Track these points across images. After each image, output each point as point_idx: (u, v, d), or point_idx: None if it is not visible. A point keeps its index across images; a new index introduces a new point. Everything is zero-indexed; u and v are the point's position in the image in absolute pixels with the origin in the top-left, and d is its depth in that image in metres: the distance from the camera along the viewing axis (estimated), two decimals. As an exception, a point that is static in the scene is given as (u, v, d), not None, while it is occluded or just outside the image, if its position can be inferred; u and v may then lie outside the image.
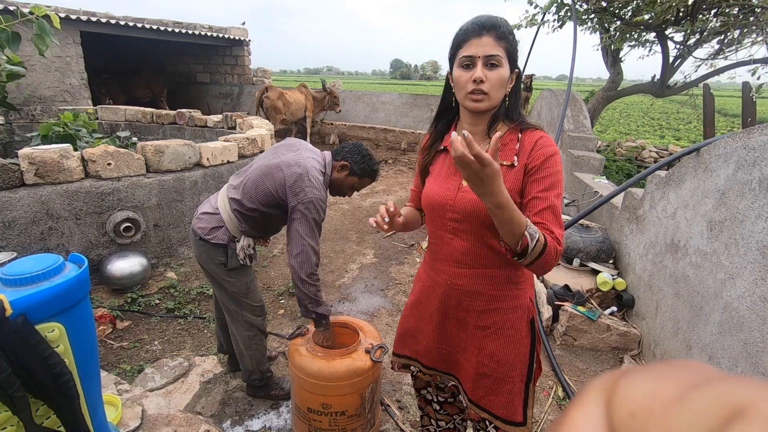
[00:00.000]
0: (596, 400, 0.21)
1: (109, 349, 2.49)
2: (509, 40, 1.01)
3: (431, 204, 1.15)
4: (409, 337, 1.35)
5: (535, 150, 1.03)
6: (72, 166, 2.90)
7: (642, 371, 0.21)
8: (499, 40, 0.99)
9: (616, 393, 0.21)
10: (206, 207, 1.87)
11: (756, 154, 1.81)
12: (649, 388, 0.20)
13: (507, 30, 1.01)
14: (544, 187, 1.00)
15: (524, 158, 1.04)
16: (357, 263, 3.81)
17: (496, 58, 0.99)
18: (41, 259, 0.80)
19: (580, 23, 6.12)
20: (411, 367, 1.38)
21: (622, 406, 0.20)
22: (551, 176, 1.01)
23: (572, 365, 2.50)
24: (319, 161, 1.78)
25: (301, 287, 1.68)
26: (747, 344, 1.75)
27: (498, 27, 0.99)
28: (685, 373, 0.20)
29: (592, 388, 0.22)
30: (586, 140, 4.79)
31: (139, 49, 10.48)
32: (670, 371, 0.21)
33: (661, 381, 0.20)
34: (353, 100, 9.87)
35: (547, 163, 1.01)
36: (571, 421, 0.21)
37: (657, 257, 2.51)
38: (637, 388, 0.20)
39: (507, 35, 1.00)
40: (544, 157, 1.01)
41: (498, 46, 0.99)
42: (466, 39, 1.01)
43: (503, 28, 1.00)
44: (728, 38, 5.51)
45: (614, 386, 0.21)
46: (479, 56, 0.99)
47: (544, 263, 0.95)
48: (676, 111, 18.50)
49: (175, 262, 3.48)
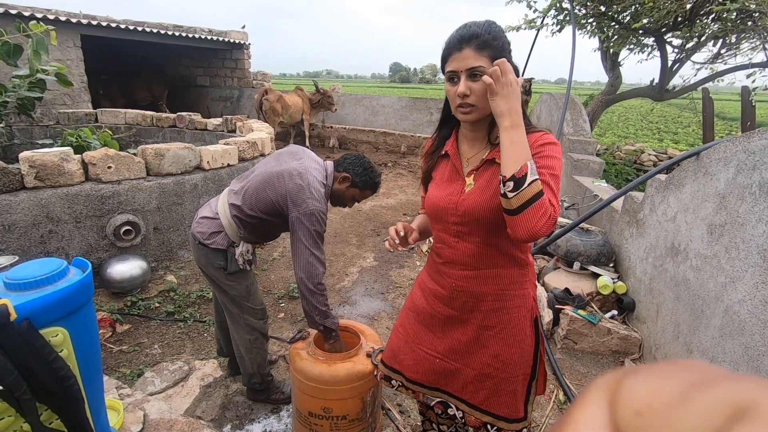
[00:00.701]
0: (600, 399, 0.21)
1: (108, 352, 2.48)
2: (493, 46, 0.98)
3: (435, 209, 1.16)
4: (398, 348, 1.34)
5: (537, 141, 1.03)
6: (72, 169, 2.90)
7: (646, 370, 0.21)
8: (480, 50, 0.98)
9: (619, 392, 0.21)
10: (206, 211, 1.87)
11: (756, 158, 1.81)
12: (653, 387, 0.20)
13: (490, 36, 0.98)
14: (541, 164, 0.99)
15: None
16: (357, 266, 3.81)
17: (478, 69, 0.98)
18: (45, 264, 0.80)
19: (579, 27, 6.15)
20: (393, 381, 1.37)
21: (626, 405, 0.20)
22: (548, 158, 1.00)
23: (573, 369, 2.50)
24: (321, 172, 1.78)
25: (310, 298, 1.66)
26: (748, 348, 1.75)
27: (478, 37, 0.98)
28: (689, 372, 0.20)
29: (596, 387, 0.22)
30: (585, 144, 4.81)
31: (139, 51, 10.50)
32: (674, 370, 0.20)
33: (665, 380, 0.20)
34: (353, 104, 9.89)
35: (545, 147, 1.01)
36: (575, 420, 0.21)
37: (657, 261, 2.51)
38: (642, 387, 0.20)
39: (490, 42, 0.98)
40: (543, 143, 1.02)
41: (479, 56, 0.98)
42: (450, 54, 1.01)
43: (484, 36, 0.98)
44: (726, 43, 5.54)
45: (618, 385, 0.21)
46: (461, 70, 1.00)
47: (535, 214, 0.91)
48: (677, 115, 18.56)
49: (175, 266, 3.47)
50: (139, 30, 8.20)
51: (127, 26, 7.95)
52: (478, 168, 1.10)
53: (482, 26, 0.99)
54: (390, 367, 1.36)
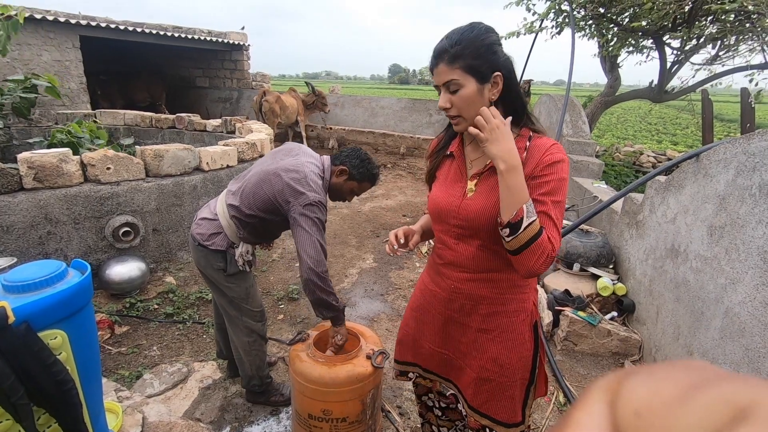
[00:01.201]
0: (600, 400, 0.21)
1: (107, 354, 2.47)
2: (464, 55, 0.97)
3: (437, 209, 1.16)
4: (410, 342, 1.34)
5: (543, 157, 1.02)
6: (71, 170, 2.89)
7: (646, 371, 0.21)
8: (451, 63, 0.98)
9: (620, 393, 0.21)
10: (205, 212, 1.86)
11: (756, 159, 1.81)
12: (653, 388, 0.19)
13: (459, 47, 0.97)
14: (543, 191, 1.00)
15: (531, 166, 1.02)
16: (357, 268, 3.81)
17: (453, 83, 1.00)
18: (44, 266, 0.79)
19: (578, 29, 6.16)
20: (410, 374, 1.37)
21: (626, 406, 0.20)
22: (552, 182, 1.00)
23: (573, 370, 2.49)
24: (317, 165, 1.77)
25: (322, 285, 1.61)
26: (748, 350, 1.75)
27: (447, 50, 0.98)
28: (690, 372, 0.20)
29: (596, 388, 0.22)
30: (584, 145, 4.81)
31: (139, 53, 10.50)
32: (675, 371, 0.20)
33: (666, 381, 0.20)
34: (352, 105, 9.89)
35: (551, 168, 1.00)
36: (575, 421, 0.21)
37: (657, 262, 2.51)
38: (642, 387, 0.20)
39: (459, 53, 0.97)
40: (548, 162, 1.01)
41: (452, 69, 0.99)
42: (431, 70, 1.05)
43: (453, 50, 0.97)
44: (725, 44, 5.55)
45: (618, 386, 0.21)
46: (439, 85, 1.03)
47: (534, 254, 0.94)
48: (676, 117, 18.59)
49: (174, 267, 3.47)
50: (138, 31, 8.19)
51: (126, 27, 7.94)
52: (482, 173, 1.10)
53: (453, 38, 0.99)
54: (403, 362, 1.37)
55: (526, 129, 1.08)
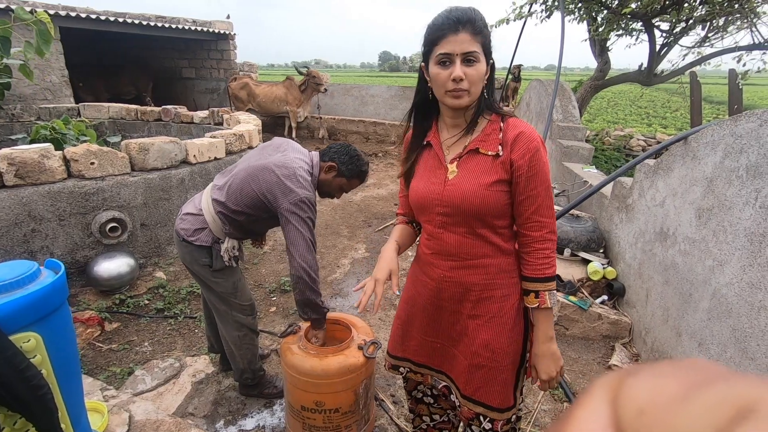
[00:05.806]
0: (602, 398, 0.21)
1: (97, 351, 2.45)
2: (485, 33, 0.99)
3: (419, 200, 1.15)
4: (402, 335, 1.34)
5: (519, 144, 1.03)
6: (54, 166, 2.83)
7: (649, 369, 0.21)
8: (475, 35, 0.97)
9: (622, 391, 0.21)
10: (190, 207, 1.82)
11: (743, 141, 1.81)
12: (656, 386, 0.19)
13: (482, 23, 0.99)
14: (534, 184, 1.04)
15: (508, 150, 1.04)
16: (349, 258, 3.80)
17: (474, 55, 0.97)
18: (14, 266, 0.77)
19: (568, 13, 6.10)
20: (401, 369, 1.37)
21: (628, 404, 0.20)
22: (539, 173, 1.04)
23: (564, 354, 2.52)
24: (306, 161, 1.74)
25: (313, 287, 1.61)
26: (735, 330, 1.77)
27: (474, 21, 0.98)
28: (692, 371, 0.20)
29: (598, 386, 0.22)
30: (575, 130, 4.81)
31: (123, 44, 10.25)
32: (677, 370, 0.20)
33: (668, 379, 0.20)
34: (342, 94, 9.78)
35: (533, 160, 1.03)
36: (577, 418, 0.21)
37: (646, 245, 2.53)
38: (645, 386, 0.20)
39: (483, 29, 0.99)
40: (529, 154, 1.03)
41: (475, 41, 0.97)
42: (443, 35, 0.98)
43: (479, 22, 0.98)
44: (714, 26, 5.54)
45: (620, 384, 0.21)
46: (457, 53, 0.97)
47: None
48: (666, 100, 18.64)
49: (164, 262, 3.43)
50: (120, 21, 7.98)
51: (107, 17, 7.73)
52: (461, 156, 1.09)
53: (475, 12, 0.99)
54: (395, 356, 1.37)
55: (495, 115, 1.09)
